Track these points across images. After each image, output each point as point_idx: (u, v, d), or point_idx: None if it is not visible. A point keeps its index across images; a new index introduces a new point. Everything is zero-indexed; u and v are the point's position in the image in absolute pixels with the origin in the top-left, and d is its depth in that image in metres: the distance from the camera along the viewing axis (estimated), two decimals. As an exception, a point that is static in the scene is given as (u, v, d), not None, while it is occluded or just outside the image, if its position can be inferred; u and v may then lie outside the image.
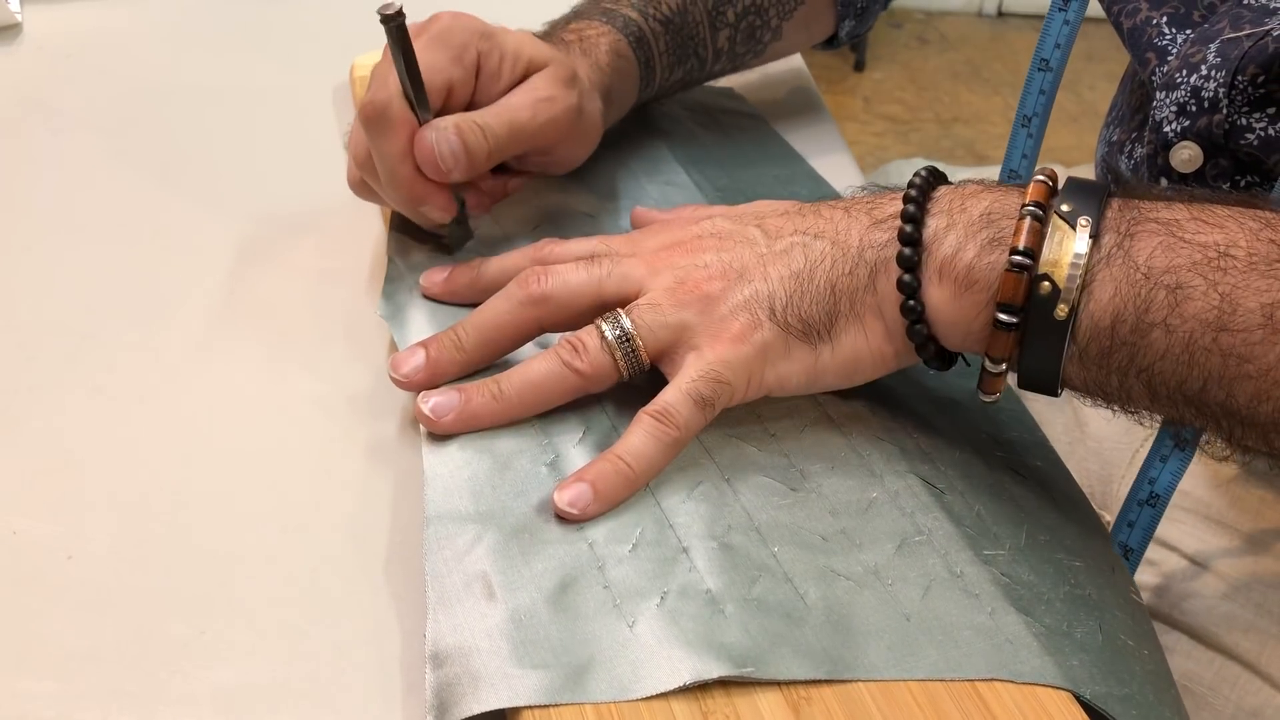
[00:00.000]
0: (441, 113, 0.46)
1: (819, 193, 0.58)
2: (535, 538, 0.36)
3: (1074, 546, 0.39)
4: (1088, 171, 0.75)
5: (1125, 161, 0.54)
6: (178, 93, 0.67)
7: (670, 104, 0.64)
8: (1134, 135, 0.54)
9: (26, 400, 0.44)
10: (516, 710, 0.31)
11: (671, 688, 0.31)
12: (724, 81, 0.69)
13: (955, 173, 0.77)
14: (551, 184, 0.55)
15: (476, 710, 0.31)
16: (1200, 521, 0.53)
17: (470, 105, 0.48)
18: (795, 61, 0.75)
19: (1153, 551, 0.54)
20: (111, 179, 0.58)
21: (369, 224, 0.55)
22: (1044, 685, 0.33)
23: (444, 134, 0.45)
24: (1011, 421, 0.45)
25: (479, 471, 0.38)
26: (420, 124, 0.45)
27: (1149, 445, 0.57)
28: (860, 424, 0.41)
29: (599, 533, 0.36)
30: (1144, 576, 0.54)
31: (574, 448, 0.39)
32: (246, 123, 0.64)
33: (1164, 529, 0.54)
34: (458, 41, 0.47)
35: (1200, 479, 0.54)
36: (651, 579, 0.35)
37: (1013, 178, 0.57)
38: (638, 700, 0.31)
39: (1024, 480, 0.42)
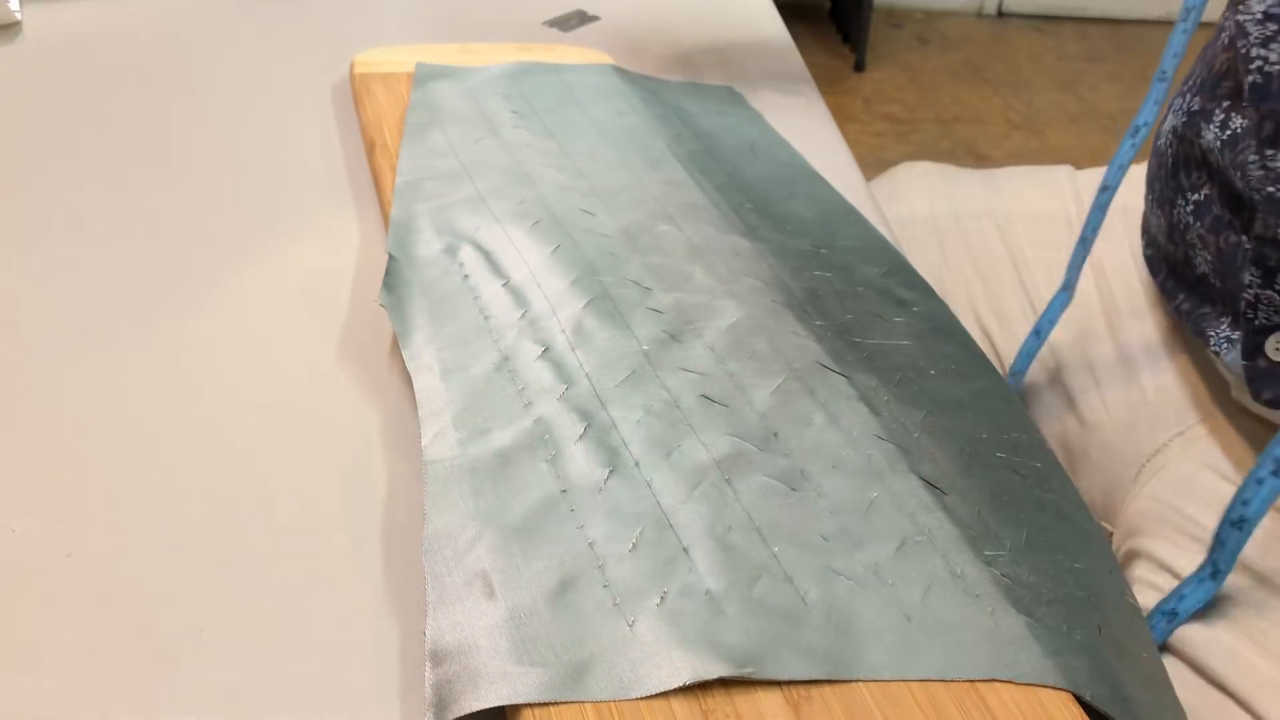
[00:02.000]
0: None
1: (818, 192, 0.58)
2: (535, 536, 0.36)
3: (1074, 548, 0.39)
4: (1097, 176, 0.74)
5: (1215, 131, 0.52)
6: (177, 91, 0.67)
7: (670, 101, 0.64)
8: (1227, 104, 0.51)
9: (26, 399, 0.44)
10: (516, 708, 0.31)
11: (671, 687, 0.31)
12: (724, 80, 0.69)
13: (955, 172, 0.77)
14: (550, 181, 0.55)
15: (476, 707, 0.31)
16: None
17: None
18: (795, 61, 0.75)
19: (1158, 577, 0.54)
20: (111, 178, 0.58)
21: (369, 222, 0.55)
22: (1044, 686, 0.33)
23: None
24: (1011, 421, 0.45)
25: (479, 469, 0.38)
26: None
27: (1154, 460, 0.56)
28: (861, 424, 0.41)
29: (599, 532, 0.36)
30: (1147, 598, 0.54)
31: (574, 445, 0.39)
32: (246, 121, 0.64)
33: (1169, 555, 0.53)
34: None
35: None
36: (652, 579, 0.35)
37: (1142, 129, 0.56)
38: (638, 699, 0.31)
39: (1024, 481, 0.42)
